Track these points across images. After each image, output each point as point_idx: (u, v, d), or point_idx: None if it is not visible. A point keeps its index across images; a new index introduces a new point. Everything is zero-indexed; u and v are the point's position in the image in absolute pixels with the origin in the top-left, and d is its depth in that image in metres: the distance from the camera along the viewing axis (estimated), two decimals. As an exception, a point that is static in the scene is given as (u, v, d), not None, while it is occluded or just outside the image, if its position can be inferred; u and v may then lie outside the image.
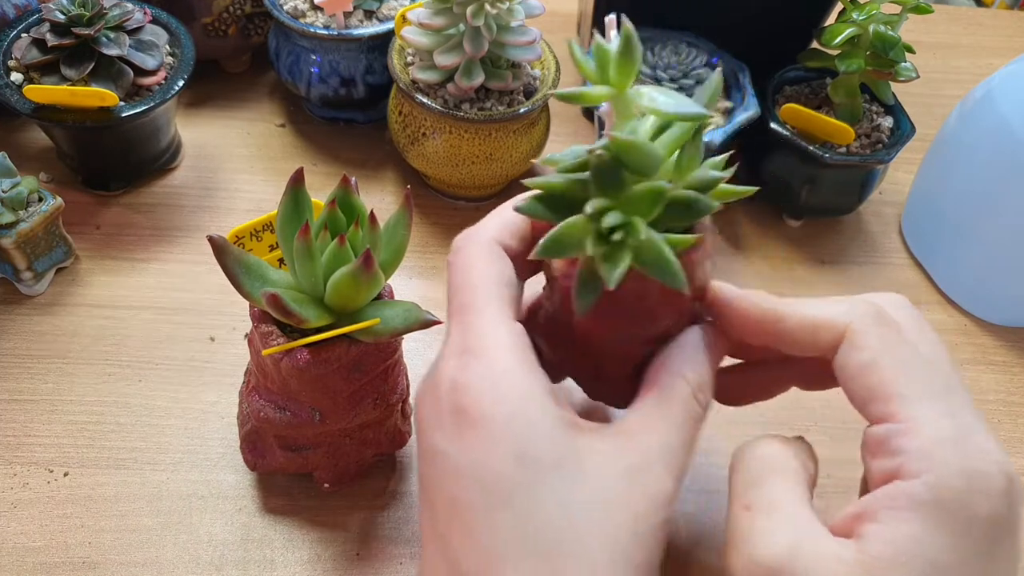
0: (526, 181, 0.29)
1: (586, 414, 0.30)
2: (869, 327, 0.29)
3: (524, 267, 0.32)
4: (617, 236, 0.27)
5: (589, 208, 0.27)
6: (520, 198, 0.29)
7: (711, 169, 0.28)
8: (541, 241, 0.28)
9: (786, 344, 0.31)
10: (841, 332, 0.29)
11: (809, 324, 0.30)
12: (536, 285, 0.34)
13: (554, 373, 0.35)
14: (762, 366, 0.35)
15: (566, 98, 0.28)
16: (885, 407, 0.28)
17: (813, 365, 0.32)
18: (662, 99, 0.27)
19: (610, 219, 0.27)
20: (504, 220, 0.32)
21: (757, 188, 0.29)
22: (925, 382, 0.28)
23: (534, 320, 0.34)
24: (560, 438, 0.27)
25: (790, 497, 0.28)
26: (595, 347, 0.32)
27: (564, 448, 0.27)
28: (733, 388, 0.36)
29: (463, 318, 0.30)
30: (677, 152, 0.28)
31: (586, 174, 0.28)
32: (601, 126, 0.56)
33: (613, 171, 0.27)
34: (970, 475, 0.26)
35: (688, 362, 0.30)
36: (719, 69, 0.30)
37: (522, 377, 0.28)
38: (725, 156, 0.29)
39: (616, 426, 0.29)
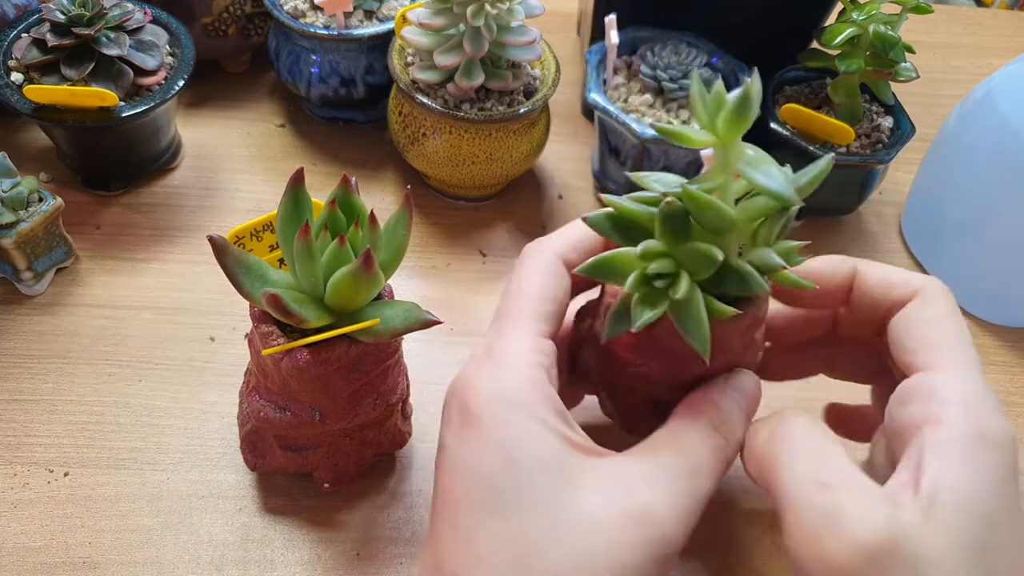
0: (603, 196, 0.30)
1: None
2: (941, 293, 0.32)
3: (585, 280, 0.33)
4: (659, 284, 0.28)
5: (640, 248, 0.28)
6: (595, 212, 0.30)
7: (780, 253, 0.28)
8: (591, 260, 0.29)
9: (860, 297, 0.33)
10: (911, 292, 0.32)
11: (888, 280, 0.32)
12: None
13: (585, 382, 0.35)
14: (797, 348, 0.37)
15: (665, 133, 0.28)
16: (936, 356, 0.29)
17: (843, 353, 0.36)
18: (758, 167, 0.27)
19: (656, 266, 0.28)
20: (573, 234, 0.33)
21: (816, 287, 0.30)
22: (970, 350, 0.30)
23: (584, 320, 0.35)
24: (552, 449, 0.28)
25: (856, 470, 0.27)
26: (618, 369, 0.32)
27: (555, 460, 0.27)
28: (771, 365, 0.37)
29: (500, 323, 0.31)
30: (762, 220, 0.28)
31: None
32: (601, 129, 0.56)
33: (680, 220, 0.28)
34: (1002, 428, 0.27)
35: (715, 399, 0.30)
36: (831, 156, 0.29)
37: (529, 388, 0.29)
38: (801, 245, 0.30)
39: (626, 452, 0.29)
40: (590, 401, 0.38)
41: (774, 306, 0.34)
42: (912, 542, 0.25)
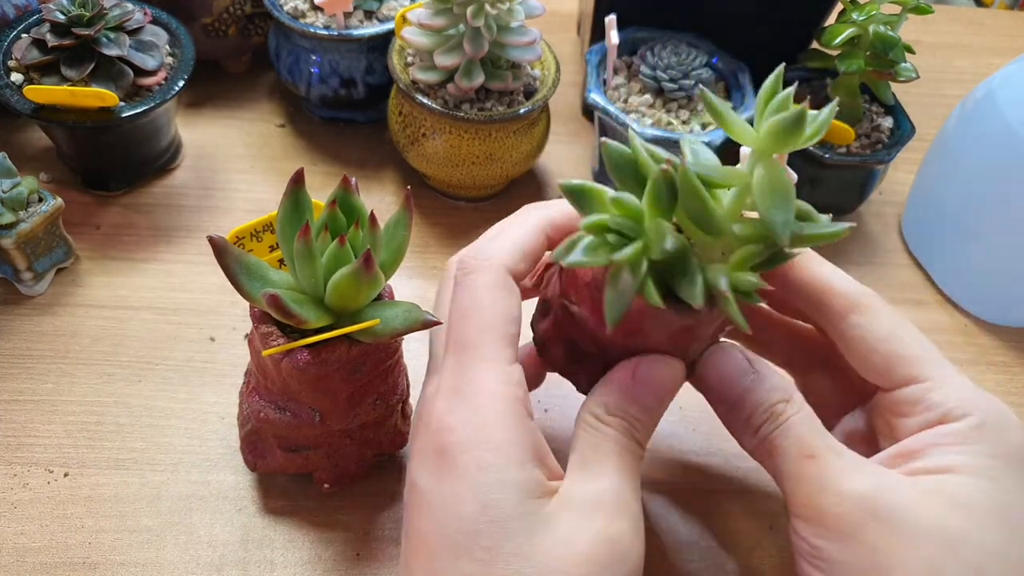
0: (629, 125, 0.31)
1: None
2: (880, 304, 0.32)
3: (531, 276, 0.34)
4: (611, 238, 0.27)
5: (614, 194, 0.28)
6: (615, 143, 0.30)
7: (738, 281, 0.27)
8: (576, 182, 0.29)
9: (793, 293, 0.33)
10: (850, 302, 0.32)
11: (822, 284, 0.32)
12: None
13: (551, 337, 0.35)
14: (758, 342, 0.38)
15: (711, 106, 0.28)
16: (912, 369, 0.31)
17: (801, 352, 0.37)
18: (773, 191, 0.26)
19: (619, 220, 0.27)
20: (516, 240, 0.33)
21: (749, 332, 0.28)
22: (933, 349, 0.32)
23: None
24: (527, 494, 0.28)
25: (839, 444, 0.30)
26: (558, 298, 0.33)
27: (529, 503, 0.28)
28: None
29: (461, 356, 0.30)
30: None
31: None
32: (602, 130, 0.56)
33: (667, 192, 0.27)
34: (1000, 414, 0.30)
35: (604, 396, 0.31)
36: (848, 226, 0.27)
37: (504, 429, 0.28)
38: (763, 286, 0.27)
39: (568, 480, 0.29)
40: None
41: None
42: (896, 497, 0.27)
